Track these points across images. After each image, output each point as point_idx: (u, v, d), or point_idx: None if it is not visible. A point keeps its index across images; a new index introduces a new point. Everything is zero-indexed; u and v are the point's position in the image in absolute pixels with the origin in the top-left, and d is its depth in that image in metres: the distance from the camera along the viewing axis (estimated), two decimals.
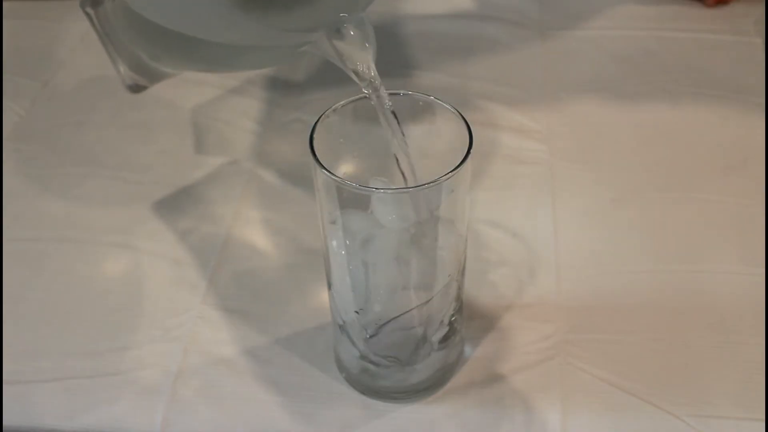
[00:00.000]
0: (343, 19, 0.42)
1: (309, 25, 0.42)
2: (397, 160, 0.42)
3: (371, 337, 0.46)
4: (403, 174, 0.42)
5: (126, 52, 0.49)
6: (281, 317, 0.53)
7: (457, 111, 0.41)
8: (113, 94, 0.73)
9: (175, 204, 0.61)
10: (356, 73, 0.42)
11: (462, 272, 0.46)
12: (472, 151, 0.39)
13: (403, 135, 0.41)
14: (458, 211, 0.42)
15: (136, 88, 0.52)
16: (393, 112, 0.41)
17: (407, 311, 0.44)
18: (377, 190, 0.39)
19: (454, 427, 0.47)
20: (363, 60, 0.42)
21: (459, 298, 0.47)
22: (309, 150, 0.40)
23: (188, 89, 0.73)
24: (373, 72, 0.42)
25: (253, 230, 0.59)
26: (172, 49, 0.45)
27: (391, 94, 0.42)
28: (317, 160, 0.39)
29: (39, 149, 0.67)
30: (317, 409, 0.48)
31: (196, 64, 0.44)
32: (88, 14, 0.49)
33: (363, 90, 0.42)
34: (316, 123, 0.41)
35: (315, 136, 0.40)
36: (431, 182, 0.38)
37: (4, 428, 0.48)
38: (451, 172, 0.38)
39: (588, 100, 0.70)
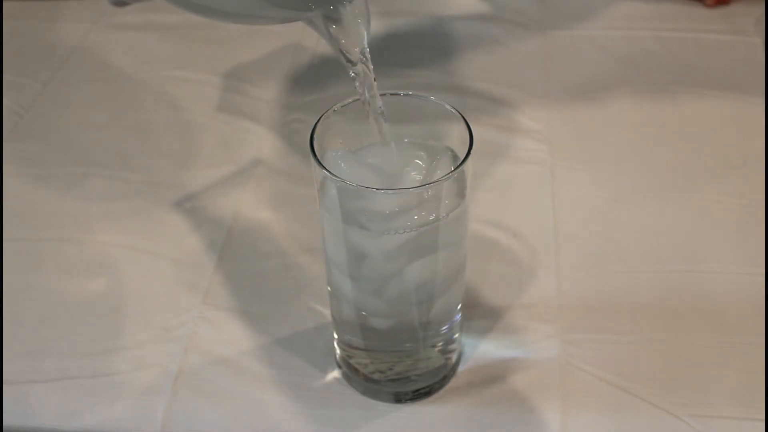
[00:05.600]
0: None
1: (306, 2, 0.41)
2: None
3: (371, 336, 0.46)
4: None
5: None
6: (281, 317, 0.53)
7: (457, 111, 0.41)
8: (113, 94, 0.73)
9: (175, 204, 0.61)
10: (344, 54, 0.41)
11: (462, 272, 0.46)
12: (472, 151, 0.39)
13: (383, 112, 0.41)
14: (458, 211, 0.42)
15: (119, 3, 0.53)
16: (381, 107, 0.41)
17: (408, 311, 0.44)
18: (377, 191, 0.39)
19: (454, 427, 0.47)
20: (354, 42, 0.41)
21: (459, 299, 0.47)
22: (309, 150, 0.40)
23: (188, 89, 0.73)
24: (365, 55, 0.41)
25: (253, 230, 0.59)
26: None
27: (391, 94, 0.42)
28: (317, 160, 0.39)
29: (39, 149, 0.67)
30: (317, 409, 0.48)
31: (181, 3, 0.44)
32: None
33: (349, 72, 0.41)
34: (316, 123, 0.41)
35: (315, 136, 0.41)
36: (431, 182, 0.38)
37: (4, 428, 0.48)
38: (451, 172, 0.38)
39: (588, 100, 0.70)
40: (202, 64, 0.75)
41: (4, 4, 0.83)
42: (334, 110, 0.42)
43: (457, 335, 0.48)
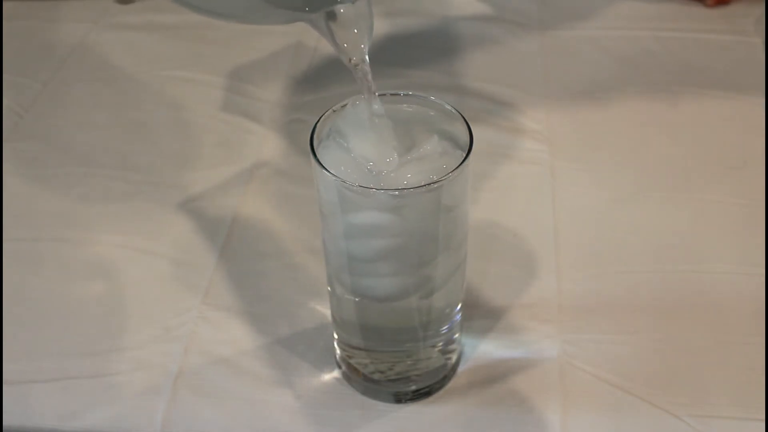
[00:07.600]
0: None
1: (306, 3, 0.41)
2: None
3: (371, 336, 0.46)
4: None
5: None
6: (281, 317, 0.53)
7: (457, 111, 0.41)
8: (113, 94, 0.73)
9: (175, 204, 0.61)
10: (343, 54, 0.41)
11: (462, 272, 0.46)
12: (472, 151, 0.39)
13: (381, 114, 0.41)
14: (459, 211, 0.42)
15: (124, 0, 0.53)
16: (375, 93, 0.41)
17: (408, 311, 0.44)
18: (377, 191, 0.39)
19: (454, 427, 0.47)
20: (355, 45, 0.41)
21: (459, 298, 0.47)
22: (309, 150, 0.40)
23: (189, 89, 0.73)
24: (364, 56, 0.41)
25: (253, 230, 0.59)
26: None
27: (391, 94, 0.42)
28: (317, 159, 0.39)
29: (39, 149, 0.67)
30: (317, 409, 0.48)
31: (183, 3, 0.43)
32: None
33: (350, 69, 0.41)
34: (316, 123, 0.41)
35: (315, 136, 0.41)
36: (433, 182, 0.38)
37: (4, 428, 0.48)
38: (451, 171, 0.38)
39: (588, 100, 0.70)
40: (202, 64, 0.75)
41: (4, 4, 0.83)
42: (334, 110, 0.42)
43: (457, 335, 0.48)
